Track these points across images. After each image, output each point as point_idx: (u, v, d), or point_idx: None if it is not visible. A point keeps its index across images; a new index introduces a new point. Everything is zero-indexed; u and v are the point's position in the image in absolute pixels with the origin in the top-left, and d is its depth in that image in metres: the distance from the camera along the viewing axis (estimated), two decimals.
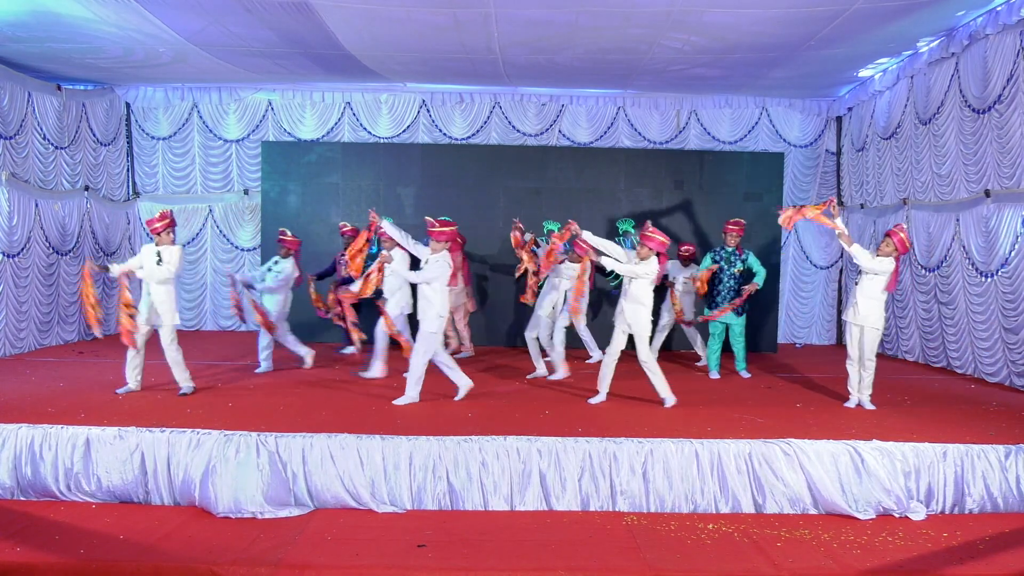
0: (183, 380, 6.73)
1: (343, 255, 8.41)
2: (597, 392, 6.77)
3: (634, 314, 6.45)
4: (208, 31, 8.11)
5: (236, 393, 6.90)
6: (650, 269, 6.42)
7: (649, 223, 6.74)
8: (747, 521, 5.03)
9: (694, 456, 5.24)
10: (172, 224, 6.76)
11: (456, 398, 6.63)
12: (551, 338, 7.94)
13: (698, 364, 8.94)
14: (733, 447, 5.28)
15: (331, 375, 7.87)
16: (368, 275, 6.65)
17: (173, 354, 6.65)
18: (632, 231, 9.33)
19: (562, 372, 7.84)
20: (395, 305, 7.21)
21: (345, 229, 8.69)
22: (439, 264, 6.44)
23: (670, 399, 6.61)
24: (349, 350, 8.92)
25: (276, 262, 7.83)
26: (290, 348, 8.04)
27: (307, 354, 8.06)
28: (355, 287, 6.87)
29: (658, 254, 6.43)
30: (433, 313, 6.43)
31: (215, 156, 11.44)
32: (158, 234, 6.68)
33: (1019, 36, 7.15)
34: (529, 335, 8.05)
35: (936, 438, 5.46)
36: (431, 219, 6.59)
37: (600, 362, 6.99)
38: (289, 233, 8.03)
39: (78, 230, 10.23)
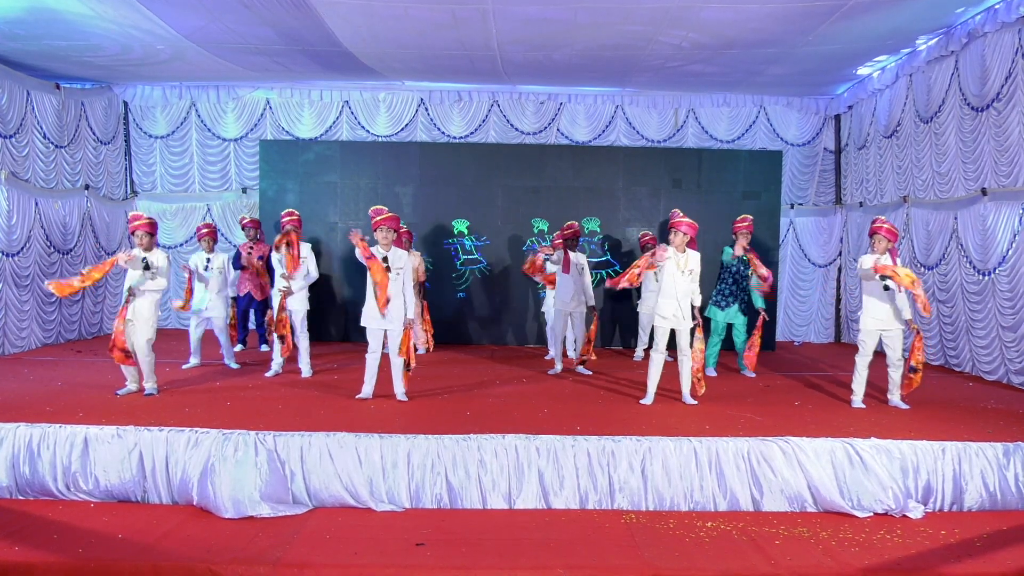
0: (150, 383, 6.67)
1: (250, 248, 9.00)
2: (645, 394, 6.75)
3: (680, 307, 6.47)
4: (206, 28, 8.10)
5: (234, 392, 6.89)
6: (696, 263, 6.52)
7: (677, 211, 6.72)
8: (745, 519, 5.03)
9: (692, 454, 5.24)
10: (152, 228, 6.68)
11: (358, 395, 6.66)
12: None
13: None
14: (731, 445, 5.28)
15: (330, 375, 7.87)
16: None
17: (145, 357, 6.59)
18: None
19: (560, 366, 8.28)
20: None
21: (245, 222, 9.28)
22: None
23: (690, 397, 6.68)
24: (264, 348, 9.13)
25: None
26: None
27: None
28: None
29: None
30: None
31: (213, 155, 11.43)
32: (133, 233, 6.65)
33: (1018, 34, 7.15)
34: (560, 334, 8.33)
35: (934, 436, 5.46)
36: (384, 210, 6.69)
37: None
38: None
39: (79, 229, 10.23)
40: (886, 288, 6.26)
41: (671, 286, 6.47)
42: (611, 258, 10.49)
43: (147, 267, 6.49)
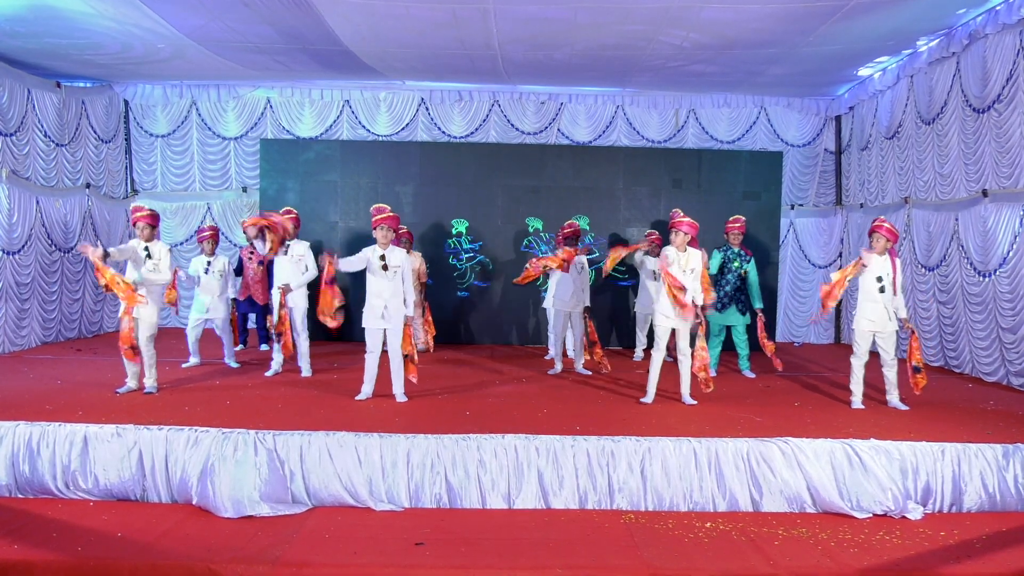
0: (150, 379, 6.70)
1: (251, 252, 8.85)
2: (646, 393, 6.75)
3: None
4: (207, 27, 8.10)
5: (234, 391, 6.89)
6: (698, 262, 6.51)
7: (678, 211, 6.80)
8: (745, 520, 5.04)
9: (692, 454, 5.24)
10: (154, 220, 6.76)
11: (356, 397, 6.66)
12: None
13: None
14: (731, 445, 5.28)
15: (330, 374, 7.86)
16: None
17: (146, 352, 6.63)
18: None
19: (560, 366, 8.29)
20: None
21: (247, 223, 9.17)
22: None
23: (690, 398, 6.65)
24: (264, 348, 9.23)
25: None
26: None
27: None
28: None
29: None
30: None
31: (213, 154, 11.43)
32: (135, 225, 6.72)
33: (1019, 36, 7.15)
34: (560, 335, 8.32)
35: (934, 437, 5.46)
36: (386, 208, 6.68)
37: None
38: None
39: (80, 228, 10.23)
40: (882, 291, 6.43)
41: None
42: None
43: (149, 257, 6.56)
